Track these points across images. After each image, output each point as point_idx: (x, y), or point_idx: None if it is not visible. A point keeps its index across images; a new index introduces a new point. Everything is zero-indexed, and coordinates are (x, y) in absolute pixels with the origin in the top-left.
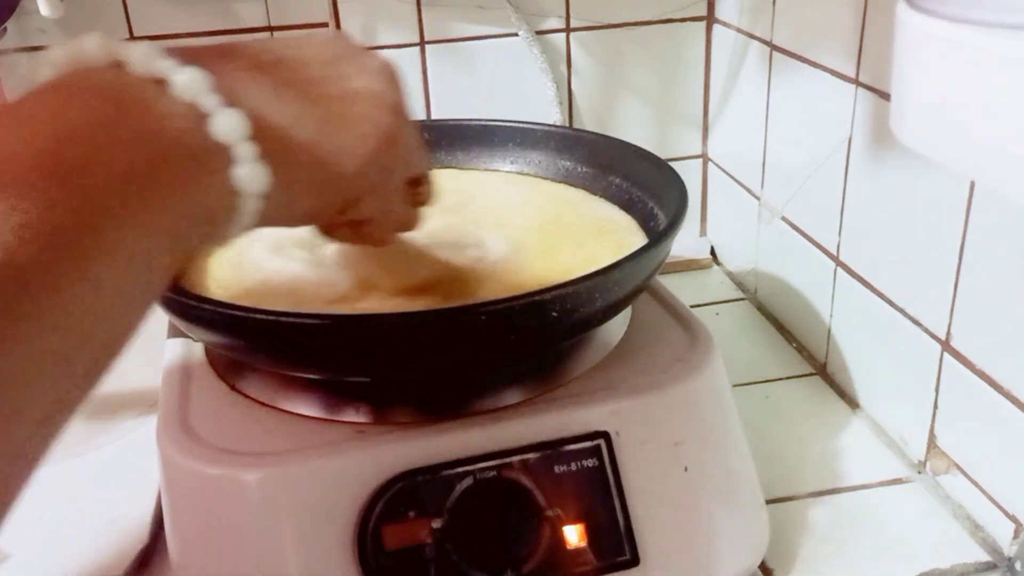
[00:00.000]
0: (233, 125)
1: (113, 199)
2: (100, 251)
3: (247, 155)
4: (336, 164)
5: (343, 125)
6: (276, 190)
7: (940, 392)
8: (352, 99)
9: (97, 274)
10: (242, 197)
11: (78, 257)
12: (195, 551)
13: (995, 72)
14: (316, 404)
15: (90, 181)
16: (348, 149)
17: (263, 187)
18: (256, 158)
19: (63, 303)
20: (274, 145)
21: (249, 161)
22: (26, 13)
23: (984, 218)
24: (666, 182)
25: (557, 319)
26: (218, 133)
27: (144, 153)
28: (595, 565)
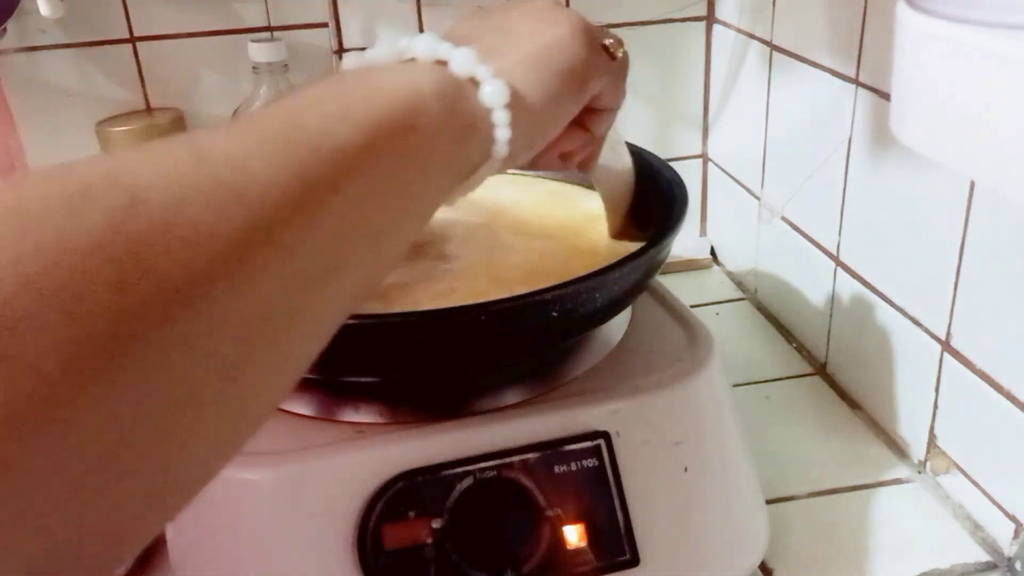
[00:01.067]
0: (466, 57)
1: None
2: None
3: (485, 75)
4: (549, 55)
5: (535, 33)
6: (516, 98)
7: (940, 392)
8: (525, 20)
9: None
10: (494, 111)
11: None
12: (195, 551)
13: (995, 72)
14: (316, 404)
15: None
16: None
17: (504, 97)
18: (492, 75)
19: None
20: (501, 64)
21: (488, 79)
22: (26, 13)
23: (984, 218)
24: (666, 182)
25: (557, 319)
26: (457, 68)
27: (406, 91)
28: (595, 565)
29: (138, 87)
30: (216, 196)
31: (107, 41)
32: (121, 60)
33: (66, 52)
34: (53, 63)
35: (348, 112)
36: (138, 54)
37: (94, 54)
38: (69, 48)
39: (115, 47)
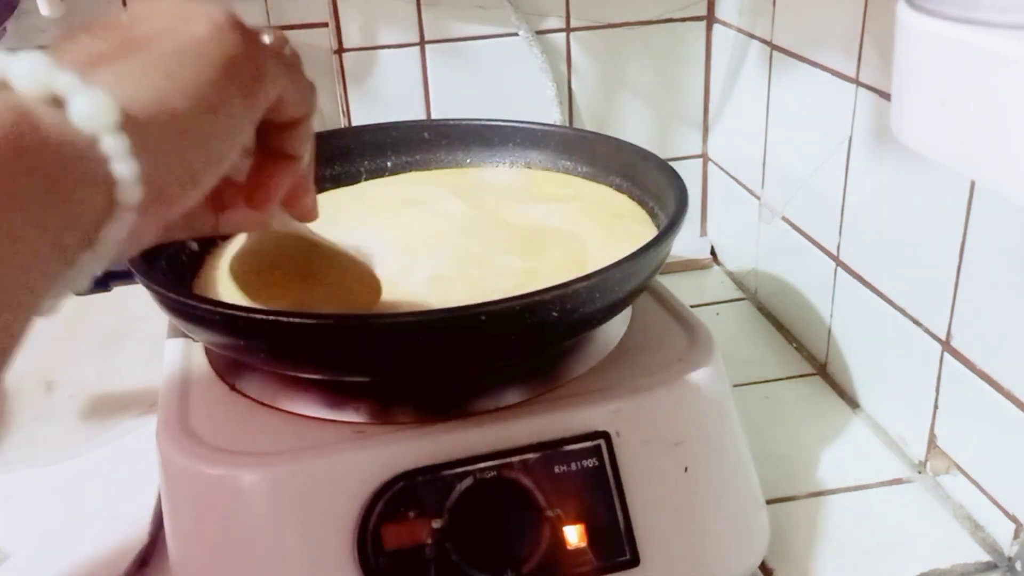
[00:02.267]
0: (34, 64)
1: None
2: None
3: (68, 85)
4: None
5: (158, 34)
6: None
7: (940, 392)
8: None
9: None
10: (100, 140)
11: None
12: (195, 551)
13: (995, 72)
14: (316, 404)
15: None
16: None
17: (111, 117)
18: (79, 84)
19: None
20: (98, 74)
21: (77, 90)
22: (26, 13)
23: (984, 218)
24: (666, 182)
25: (557, 319)
26: (23, 81)
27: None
28: (595, 565)
29: None
30: None
31: None
32: None
33: None
34: None
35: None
36: None
37: None
38: None
39: None
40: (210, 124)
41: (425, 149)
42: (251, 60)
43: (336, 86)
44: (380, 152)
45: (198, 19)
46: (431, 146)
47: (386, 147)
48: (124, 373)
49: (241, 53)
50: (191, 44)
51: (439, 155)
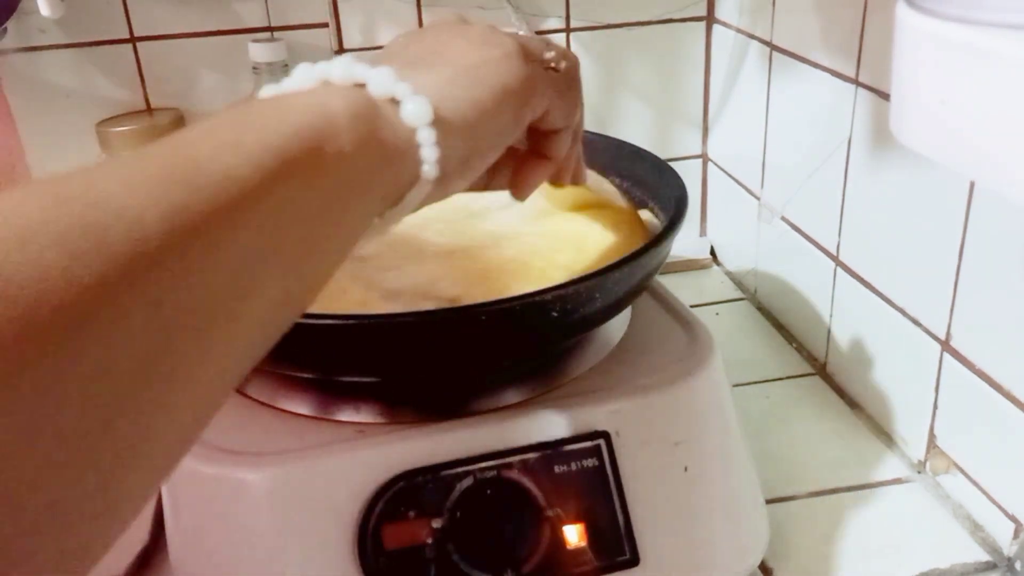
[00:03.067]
0: (384, 76)
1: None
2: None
3: (404, 93)
4: (481, 74)
5: (463, 53)
6: (443, 117)
7: (940, 392)
8: (453, 40)
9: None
10: (418, 131)
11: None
12: (195, 551)
13: (995, 72)
14: (316, 404)
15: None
16: (480, 62)
17: (428, 115)
18: (412, 92)
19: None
20: (422, 84)
21: (408, 96)
22: (26, 13)
23: (984, 218)
24: (666, 182)
25: (557, 319)
26: (375, 88)
27: (314, 112)
28: (595, 565)
29: (138, 87)
30: (70, 238)
31: (107, 41)
32: (121, 60)
33: (66, 52)
34: (53, 63)
35: (241, 139)
36: (138, 54)
37: (94, 54)
38: (69, 48)
39: (115, 47)
40: (487, 129)
41: None
42: (526, 84)
43: None
44: None
45: (494, 45)
46: None
47: None
48: None
49: (520, 77)
50: (483, 63)
51: None
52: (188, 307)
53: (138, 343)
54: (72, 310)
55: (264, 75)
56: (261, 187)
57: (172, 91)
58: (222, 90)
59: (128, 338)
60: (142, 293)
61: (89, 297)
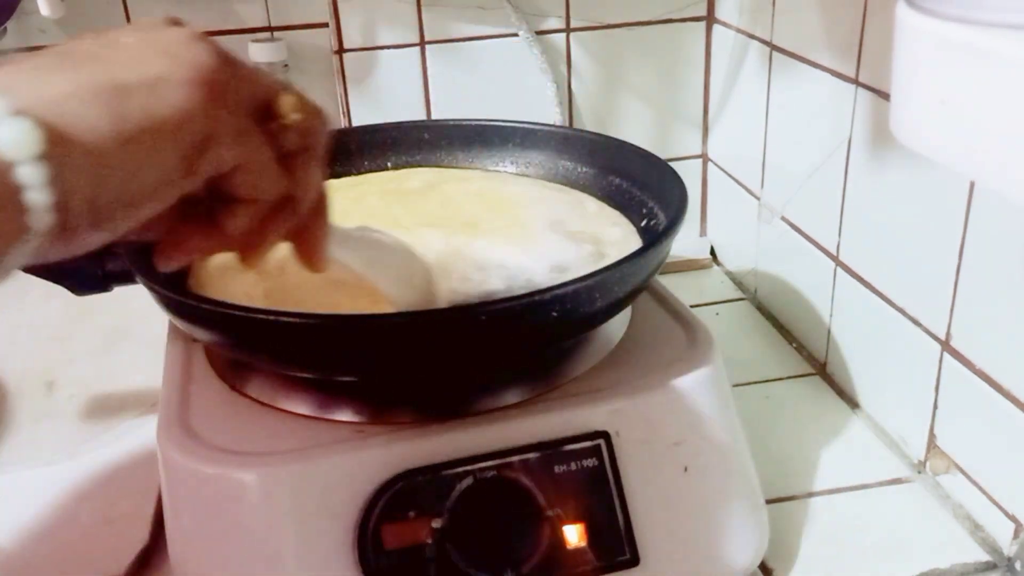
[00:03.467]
0: (21, 138)
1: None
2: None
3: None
4: (139, 96)
5: (131, 64)
6: (62, 150)
7: (940, 392)
8: (133, 45)
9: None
10: (16, 167)
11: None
12: (195, 551)
13: (995, 72)
14: (316, 404)
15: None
16: (147, 80)
17: (34, 146)
18: (10, 112)
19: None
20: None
21: (3, 116)
22: (26, 13)
23: (984, 218)
24: (666, 182)
25: (557, 319)
26: (2, 146)
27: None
28: (595, 565)
29: None
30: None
31: None
32: None
33: None
34: None
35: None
36: None
37: None
38: None
39: None
40: (133, 166)
41: (425, 149)
42: (202, 122)
43: (336, 86)
44: (380, 152)
45: (179, 62)
46: (431, 146)
47: (386, 147)
48: (124, 373)
49: (193, 111)
50: (150, 84)
51: (439, 155)
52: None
53: None
54: None
55: None
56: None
57: None
58: None
59: None
60: None
61: None
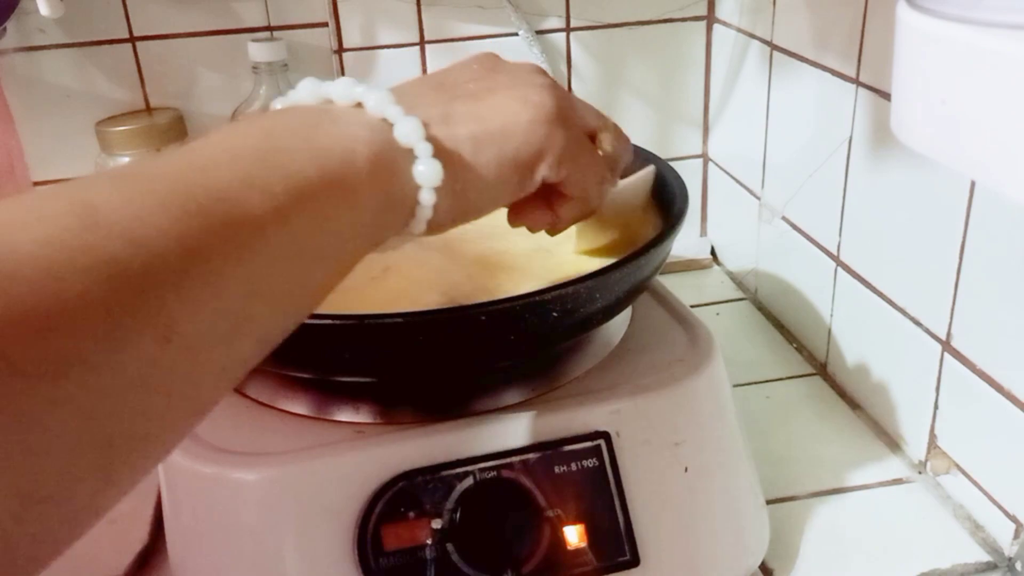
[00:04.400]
0: (412, 128)
1: (323, 176)
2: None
3: (424, 152)
4: (503, 142)
5: (500, 108)
6: (449, 181)
7: (940, 392)
8: (503, 88)
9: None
10: (421, 191)
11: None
12: (195, 551)
13: (995, 72)
14: (316, 404)
15: (306, 167)
16: (510, 125)
17: (437, 180)
18: (431, 155)
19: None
20: (446, 142)
21: (425, 158)
22: (26, 13)
23: (984, 218)
24: (666, 182)
25: (557, 319)
26: (401, 136)
27: (341, 150)
28: (595, 565)
29: (138, 87)
30: (96, 270)
31: (107, 41)
32: (121, 60)
33: (66, 52)
34: (53, 63)
35: (267, 178)
36: (138, 54)
37: (94, 54)
38: (69, 48)
39: (115, 47)
40: (486, 195)
41: None
42: (545, 149)
43: None
44: None
45: (530, 105)
46: None
47: None
48: None
49: (540, 145)
50: (510, 127)
51: None
52: (191, 334)
53: (143, 364)
54: (87, 330)
55: (264, 75)
56: (275, 224)
57: (172, 91)
58: (222, 90)
59: (135, 359)
60: (150, 320)
61: (109, 321)
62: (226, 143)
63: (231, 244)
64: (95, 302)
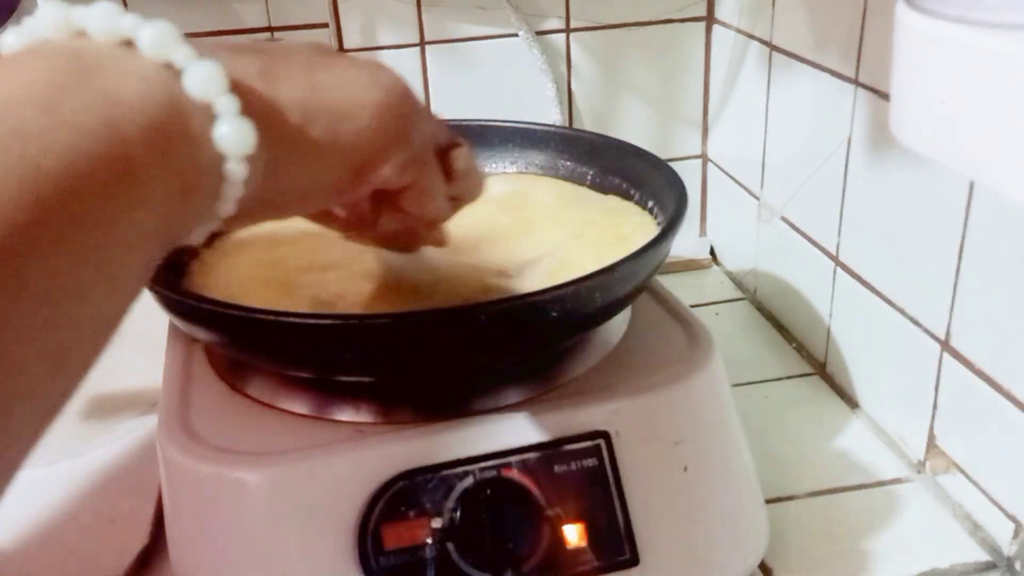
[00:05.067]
0: (209, 76)
1: (77, 167)
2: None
3: (226, 109)
4: (341, 120)
5: (344, 83)
6: (265, 153)
7: (940, 392)
8: (346, 66)
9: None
10: (227, 161)
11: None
12: (195, 551)
13: (995, 72)
14: (316, 404)
15: (49, 156)
16: (354, 102)
17: (248, 147)
18: (237, 112)
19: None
20: (260, 102)
21: (229, 116)
22: (26, 13)
23: (984, 218)
24: (666, 182)
25: (557, 319)
26: (193, 87)
27: (105, 116)
28: (595, 565)
29: None
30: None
31: None
32: None
33: None
34: None
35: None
36: None
37: None
38: None
39: None
40: (306, 181)
41: None
42: (382, 147)
43: None
44: None
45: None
46: None
47: None
48: (124, 373)
49: (378, 137)
50: (354, 103)
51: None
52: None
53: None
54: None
55: None
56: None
57: None
58: None
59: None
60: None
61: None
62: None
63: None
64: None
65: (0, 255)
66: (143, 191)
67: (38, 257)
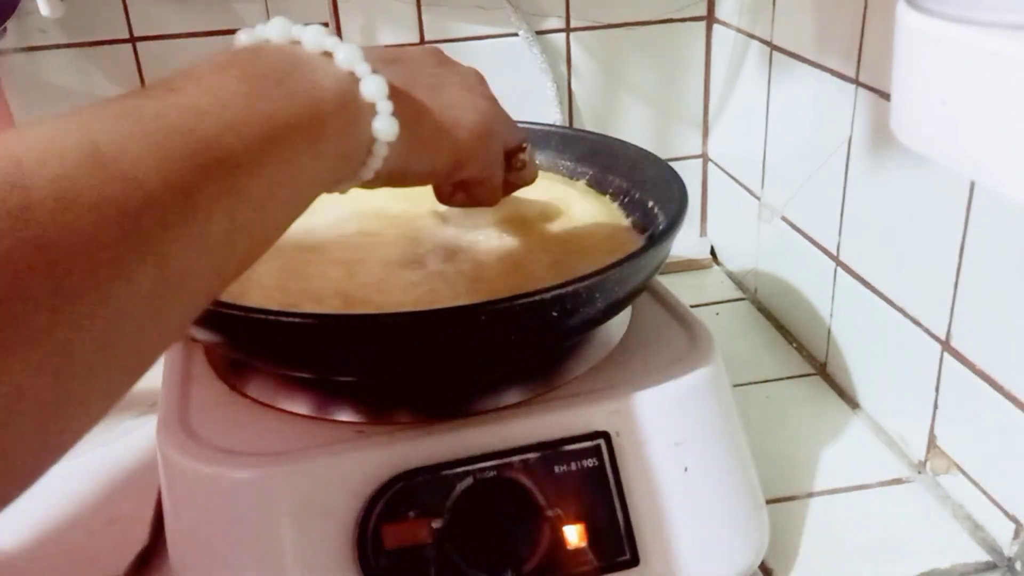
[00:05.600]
0: (377, 86)
1: (292, 122)
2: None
3: (384, 110)
4: (450, 131)
5: (455, 104)
6: (401, 143)
7: (940, 392)
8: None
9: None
10: (376, 143)
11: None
12: (195, 551)
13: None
14: (316, 404)
15: (278, 112)
16: (459, 121)
17: (392, 137)
18: (391, 113)
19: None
20: (404, 107)
21: (385, 115)
22: (26, 13)
23: (984, 218)
24: (666, 182)
25: (557, 319)
26: (365, 92)
27: (311, 98)
28: (595, 565)
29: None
30: (101, 207)
31: (107, 41)
32: (121, 60)
33: (66, 52)
34: (53, 63)
35: (245, 123)
36: (138, 54)
37: (94, 54)
38: (69, 48)
39: (115, 47)
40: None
41: None
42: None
43: None
44: None
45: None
46: None
47: None
48: None
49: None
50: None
51: None
52: (180, 267)
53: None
54: (95, 262)
55: None
56: (251, 166)
57: None
58: None
59: (136, 288)
60: (147, 254)
61: (108, 253)
62: (210, 85)
63: (215, 185)
64: (100, 236)
65: (251, 165)
66: (323, 148)
67: (267, 164)
